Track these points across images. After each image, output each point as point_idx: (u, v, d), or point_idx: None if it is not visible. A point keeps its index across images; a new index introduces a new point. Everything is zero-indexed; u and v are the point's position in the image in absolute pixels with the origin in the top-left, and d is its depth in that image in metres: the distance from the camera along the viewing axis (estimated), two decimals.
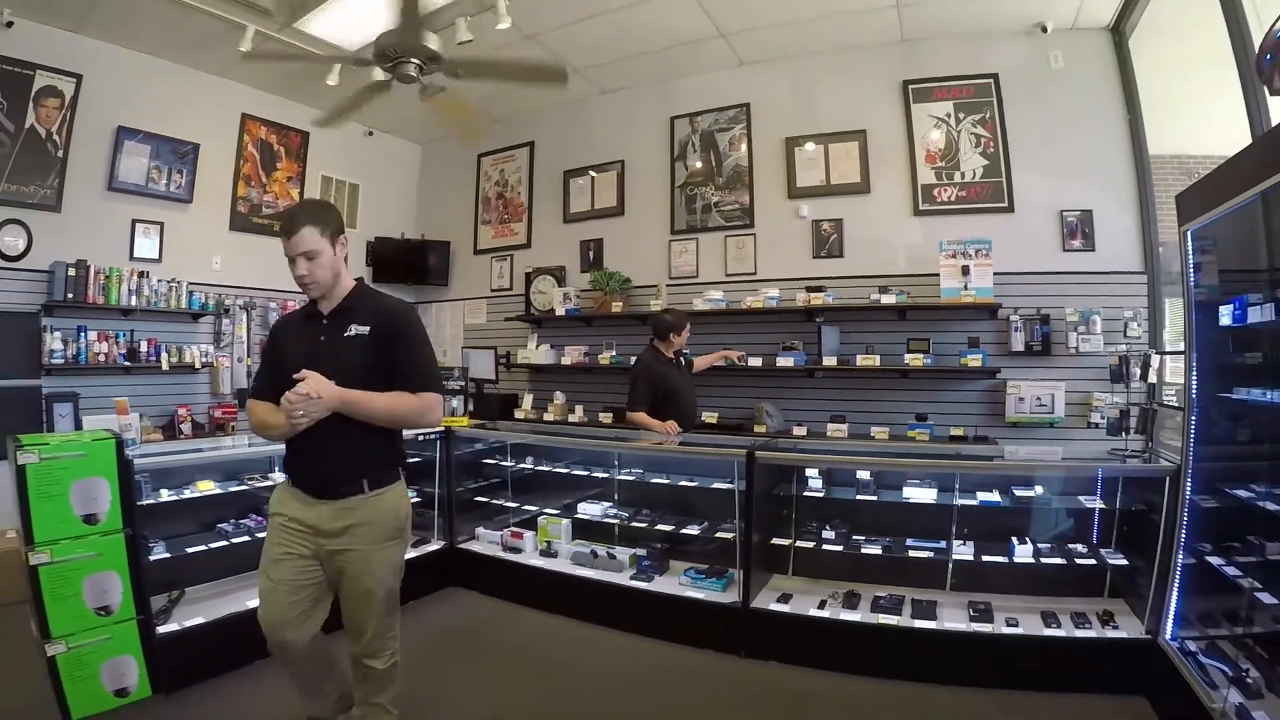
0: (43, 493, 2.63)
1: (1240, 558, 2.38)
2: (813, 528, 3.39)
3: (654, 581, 3.47)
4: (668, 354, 4.15)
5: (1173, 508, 2.73)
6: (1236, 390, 2.49)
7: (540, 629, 3.52)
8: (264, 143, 5.80)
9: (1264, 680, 2.19)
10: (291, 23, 4.60)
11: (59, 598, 2.64)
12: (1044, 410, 4.21)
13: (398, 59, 2.58)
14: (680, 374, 4.21)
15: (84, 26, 4.59)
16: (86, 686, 2.67)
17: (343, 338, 2.07)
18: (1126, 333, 4.13)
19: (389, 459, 2.15)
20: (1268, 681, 2.18)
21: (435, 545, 4.07)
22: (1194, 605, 2.67)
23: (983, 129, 4.63)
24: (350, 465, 2.05)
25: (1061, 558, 3.02)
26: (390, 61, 2.64)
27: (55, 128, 4.62)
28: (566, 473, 4.08)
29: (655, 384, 4.01)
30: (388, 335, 2.08)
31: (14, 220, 4.44)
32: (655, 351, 4.13)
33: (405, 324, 2.14)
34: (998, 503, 3.16)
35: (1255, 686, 2.18)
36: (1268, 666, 2.23)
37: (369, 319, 2.09)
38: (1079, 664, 2.80)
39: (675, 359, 4.21)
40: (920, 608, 2.99)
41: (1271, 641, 2.27)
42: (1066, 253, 4.42)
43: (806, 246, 5.04)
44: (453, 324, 6.65)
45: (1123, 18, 4.27)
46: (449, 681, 2.97)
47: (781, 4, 4.38)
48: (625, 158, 5.73)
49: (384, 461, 2.13)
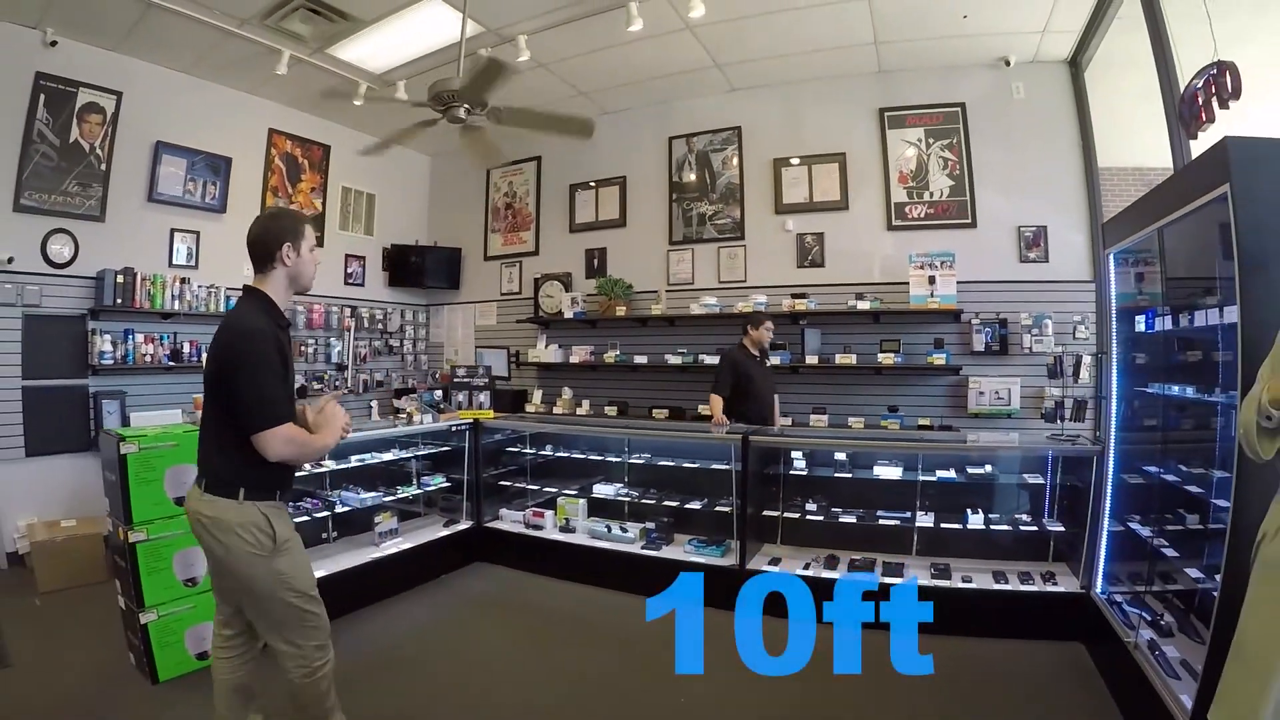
0: (141, 478, 2.98)
1: (1156, 524, 2.87)
2: (798, 502, 3.93)
3: (662, 550, 3.99)
4: (753, 350, 4.52)
5: (1099, 483, 3.27)
6: (1150, 385, 3.04)
7: (562, 594, 4.01)
8: (289, 155, 6.20)
9: (1175, 624, 2.71)
10: (324, 49, 5.02)
11: (153, 571, 2.99)
12: (1001, 403, 4.76)
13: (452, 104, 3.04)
14: (761, 369, 4.55)
15: (123, 46, 4.86)
16: (172, 651, 3.00)
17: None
18: (1075, 335, 4.71)
19: None
20: (1179, 625, 2.70)
21: (464, 525, 4.53)
22: (1120, 564, 3.20)
23: (950, 153, 5.17)
24: None
25: (1009, 526, 3.57)
26: (444, 105, 3.09)
27: (98, 142, 4.88)
28: (583, 458, 4.57)
29: (736, 373, 4.43)
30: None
31: (62, 230, 4.70)
32: (742, 346, 4.54)
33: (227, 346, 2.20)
34: (954, 479, 3.71)
35: (1167, 628, 2.70)
36: (1181, 614, 2.75)
37: None
38: (1025, 615, 3.35)
39: (762, 355, 4.59)
40: (889, 568, 3.54)
41: (1182, 593, 2.80)
42: (1023, 264, 4.96)
43: (791, 257, 5.56)
44: (464, 325, 7.10)
45: (1079, 52, 4.78)
46: (484, 638, 3.44)
47: (771, 39, 4.87)
48: (627, 174, 6.21)
49: None
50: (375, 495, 4.10)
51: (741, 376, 4.43)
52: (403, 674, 3.06)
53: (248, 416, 1.92)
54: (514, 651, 3.31)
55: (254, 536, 2.00)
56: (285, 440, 1.96)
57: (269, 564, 2.02)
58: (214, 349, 2.02)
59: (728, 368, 4.48)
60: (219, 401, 1.99)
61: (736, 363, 4.49)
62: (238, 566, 2.02)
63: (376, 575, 3.86)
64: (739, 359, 4.51)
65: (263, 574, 2.02)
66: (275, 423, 1.94)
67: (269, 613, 2.07)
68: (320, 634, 2.13)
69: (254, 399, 1.92)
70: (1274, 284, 1.80)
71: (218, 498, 2.01)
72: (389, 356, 6.90)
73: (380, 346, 6.79)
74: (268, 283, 2.12)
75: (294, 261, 2.11)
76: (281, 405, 1.99)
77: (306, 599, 2.10)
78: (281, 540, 2.05)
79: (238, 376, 1.93)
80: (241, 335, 1.97)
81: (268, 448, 1.93)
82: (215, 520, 2.00)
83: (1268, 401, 1.49)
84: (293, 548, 2.11)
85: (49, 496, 4.51)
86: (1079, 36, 4.63)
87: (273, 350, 1.98)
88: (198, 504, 2.04)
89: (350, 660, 2.93)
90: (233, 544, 1.99)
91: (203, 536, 2.05)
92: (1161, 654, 2.48)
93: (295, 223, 2.18)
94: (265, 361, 1.95)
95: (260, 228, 2.14)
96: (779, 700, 2.80)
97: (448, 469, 4.60)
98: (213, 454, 2.05)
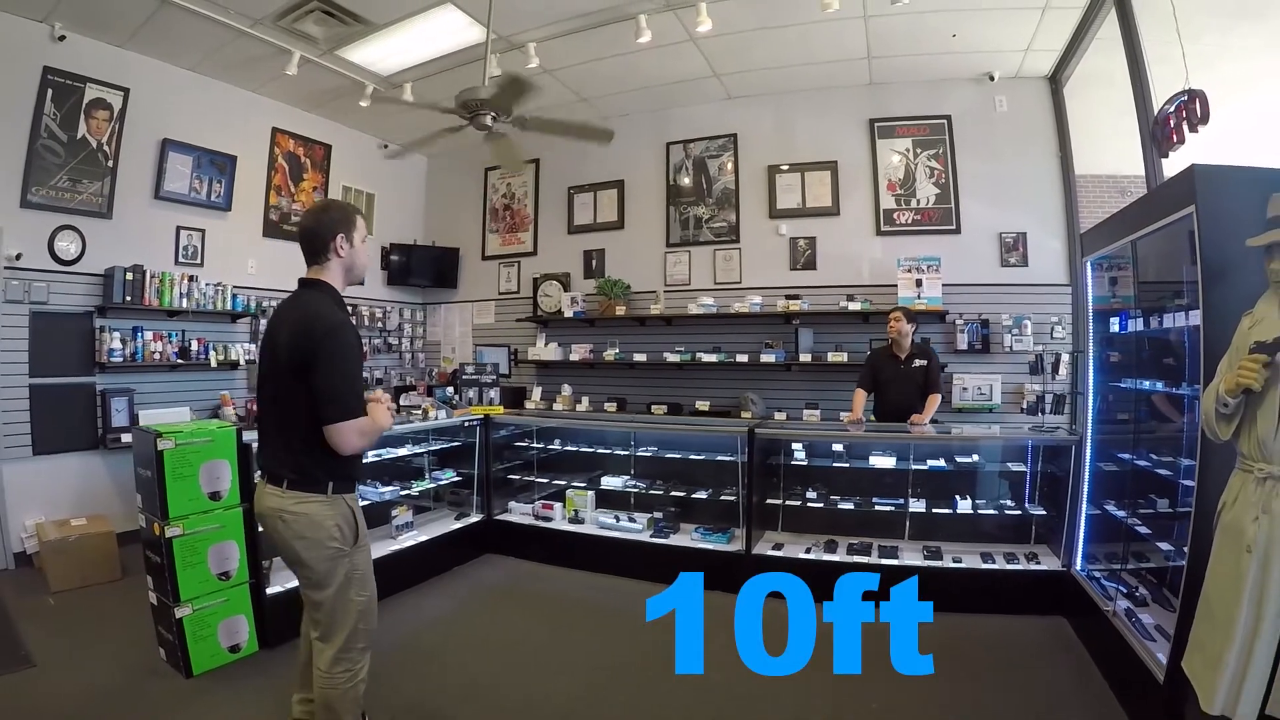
0: (177, 474, 3.01)
1: (1130, 507, 3.14)
2: (798, 490, 4.17)
3: (669, 538, 4.19)
4: (895, 351, 4.48)
5: (1077, 470, 3.55)
6: (1124, 380, 3.32)
7: (573, 582, 4.19)
8: (292, 155, 6.28)
9: (1150, 595, 2.98)
10: (334, 50, 5.11)
11: (188, 565, 3.02)
12: (984, 398, 5.05)
13: (479, 111, 3.20)
14: (899, 370, 4.46)
15: (131, 42, 4.86)
16: (206, 644, 3.03)
17: None
18: (1053, 334, 5.02)
19: None
20: (1153, 596, 2.97)
21: (475, 518, 4.69)
22: (1097, 545, 3.48)
23: (936, 162, 5.46)
24: None
25: (995, 511, 3.84)
26: (471, 112, 3.25)
27: (105, 139, 4.85)
28: (590, 452, 4.75)
29: (875, 371, 4.54)
30: None
31: (69, 226, 4.68)
32: (886, 346, 4.59)
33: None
34: (944, 468, 3.98)
35: (1142, 599, 2.97)
36: (1154, 587, 3.02)
37: None
38: (1011, 592, 3.62)
39: (905, 357, 4.45)
40: (885, 550, 3.79)
41: (1155, 569, 3.07)
42: (1004, 268, 5.27)
43: (785, 260, 5.81)
44: (462, 324, 7.24)
45: (1059, 69, 5.09)
46: (503, 625, 3.59)
47: (770, 51, 5.10)
48: (625, 177, 6.41)
49: None
50: (392, 489, 4.23)
51: (878, 376, 4.52)
52: (426, 663, 3.16)
53: (330, 407, 1.91)
54: (533, 637, 3.45)
55: (340, 532, 2.01)
56: (360, 432, 1.97)
57: (350, 560, 2.03)
58: (295, 340, 1.96)
59: (867, 365, 4.63)
60: (296, 395, 1.95)
61: (874, 362, 4.60)
62: (317, 564, 2.00)
63: (394, 568, 3.95)
64: (876, 358, 4.62)
65: (340, 570, 2.02)
66: (353, 415, 1.95)
67: (333, 610, 2.04)
68: (368, 636, 2.13)
69: (336, 391, 1.92)
70: (1231, 291, 2.06)
71: (305, 493, 1.99)
72: (388, 354, 7.01)
73: (380, 345, 6.90)
74: (326, 274, 2.10)
75: (348, 253, 2.10)
76: (360, 398, 2.00)
77: (367, 599, 2.10)
78: (362, 535, 2.08)
79: (326, 368, 1.91)
80: (331, 329, 1.95)
81: (344, 440, 1.93)
82: (302, 516, 1.98)
83: (1224, 391, 1.77)
84: (366, 544, 2.13)
85: (57, 495, 4.51)
86: (1060, 55, 4.95)
87: (357, 343, 2.03)
88: (279, 501, 2.01)
89: (375, 651, 3.06)
90: (320, 538, 1.98)
91: (282, 533, 2.01)
92: (1138, 620, 2.75)
93: (346, 213, 2.15)
94: (353, 354, 1.99)
95: (312, 220, 2.15)
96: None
97: (457, 464, 4.75)
98: (293, 448, 2.01)
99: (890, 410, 4.44)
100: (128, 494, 4.94)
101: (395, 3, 4.44)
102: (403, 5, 4.47)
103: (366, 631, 2.12)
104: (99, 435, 4.76)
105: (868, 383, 4.51)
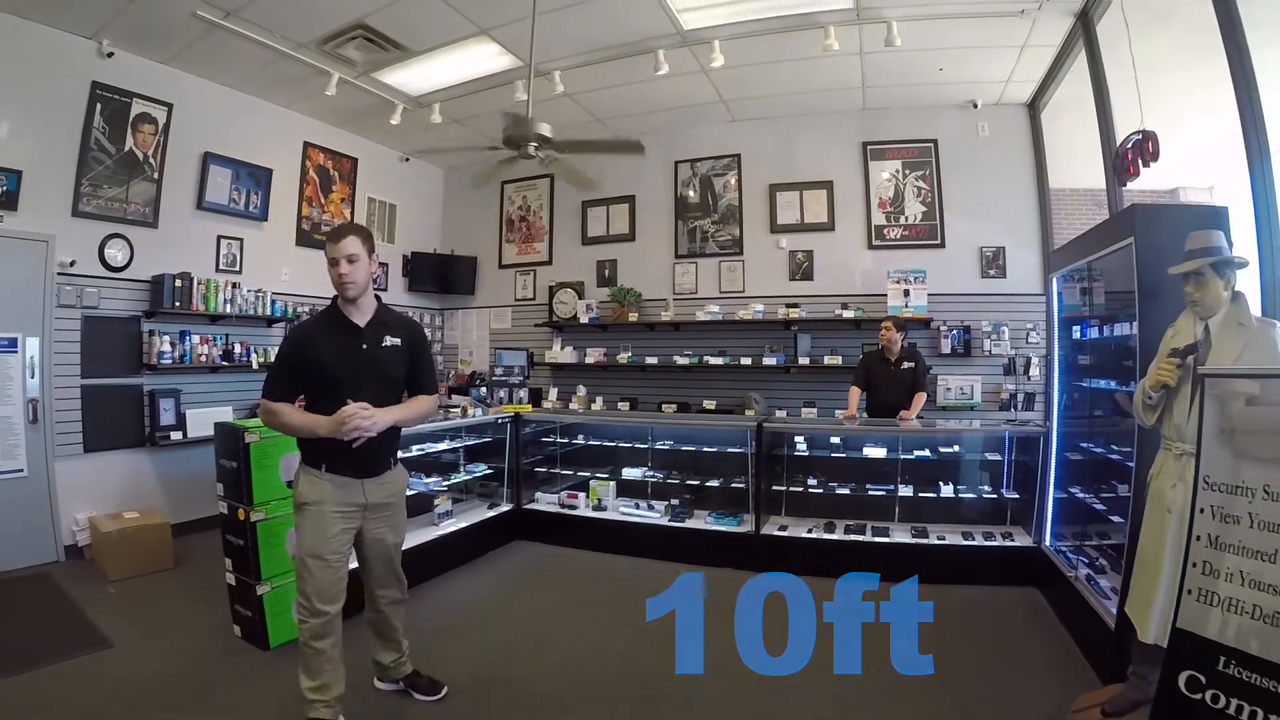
0: (260, 464, 3.31)
1: (1091, 490, 3.62)
2: (800, 478, 4.66)
3: (685, 522, 4.66)
4: (886, 355, 4.91)
5: (1045, 459, 4.05)
6: (1085, 380, 3.82)
7: (598, 564, 4.62)
8: (322, 168, 6.65)
9: (1108, 564, 3.45)
10: (370, 73, 5.51)
11: (269, 547, 3.31)
12: (966, 397, 5.57)
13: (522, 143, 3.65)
14: (889, 371, 4.89)
15: (176, 60, 5.13)
16: (283, 620, 3.28)
17: (381, 348, 2.47)
18: (1028, 339, 5.54)
19: (399, 441, 2.67)
20: (1111, 565, 3.43)
21: (505, 507, 5.11)
22: (1063, 524, 3.97)
23: (923, 182, 5.97)
24: (388, 449, 2.56)
25: (974, 495, 4.35)
26: (516, 145, 3.70)
27: (150, 151, 5.12)
28: (612, 446, 5.21)
29: (868, 372, 4.98)
30: (414, 346, 2.56)
31: (118, 234, 4.96)
32: (878, 350, 5.01)
33: (424, 336, 2.66)
34: (929, 457, 4.48)
35: (1101, 566, 3.46)
36: (1112, 557, 3.48)
37: (399, 332, 2.52)
38: (989, 565, 4.12)
39: (896, 360, 4.88)
40: (877, 530, 4.29)
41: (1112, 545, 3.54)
42: (984, 279, 5.79)
43: (785, 271, 6.31)
44: (479, 328, 7.66)
45: (1038, 97, 5.61)
46: (540, 601, 4.00)
47: (772, 81, 5.59)
48: (636, 193, 6.87)
49: (397, 444, 2.66)
50: (435, 480, 4.66)
51: (870, 376, 4.96)
52: (478, 631, 3.55)
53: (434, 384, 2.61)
54: (571, 606, 3.89)
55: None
56: (264, 410, 2.41)
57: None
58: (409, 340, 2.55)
59: (860, 365, 5.09)
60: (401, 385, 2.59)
61: (867, 362, 5.07)
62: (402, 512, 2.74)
63: (438, 551, 4.37)
64: (869, 359, 5.08)
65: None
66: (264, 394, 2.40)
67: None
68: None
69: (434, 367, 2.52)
70: (1162, 308, 2.56)
71: (399, 464, 2.68)
72: None
73: None
74: None
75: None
76: (269, 382, 2.41)
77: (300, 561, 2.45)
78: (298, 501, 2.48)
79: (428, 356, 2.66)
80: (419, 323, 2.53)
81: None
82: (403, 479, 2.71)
83: (1149, 386, 2.28)
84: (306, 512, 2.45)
85: (106, 490, 4.77)
86: (1038, 85, 5.48)
87: (289, 338, 2.51)
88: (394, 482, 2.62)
89: (433, 621, 3.51)
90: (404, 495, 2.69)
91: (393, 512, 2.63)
92: (1096, 583, 3.25)
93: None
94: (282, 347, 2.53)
95: None
96: None
97: (488, 459, 5.17)
98: (396, 434, 2.60)
99: (881, 407, 4.89)
100: (174, 489, 5.27)
101: (435, 33, 4.82)
102: (442, 35, 4.86)
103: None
104: (146, 433, 5.05)
105: (861, 382, 4.98)
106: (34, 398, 4.47)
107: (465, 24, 4.71)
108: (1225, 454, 1.87)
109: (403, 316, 2.65)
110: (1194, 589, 1.92)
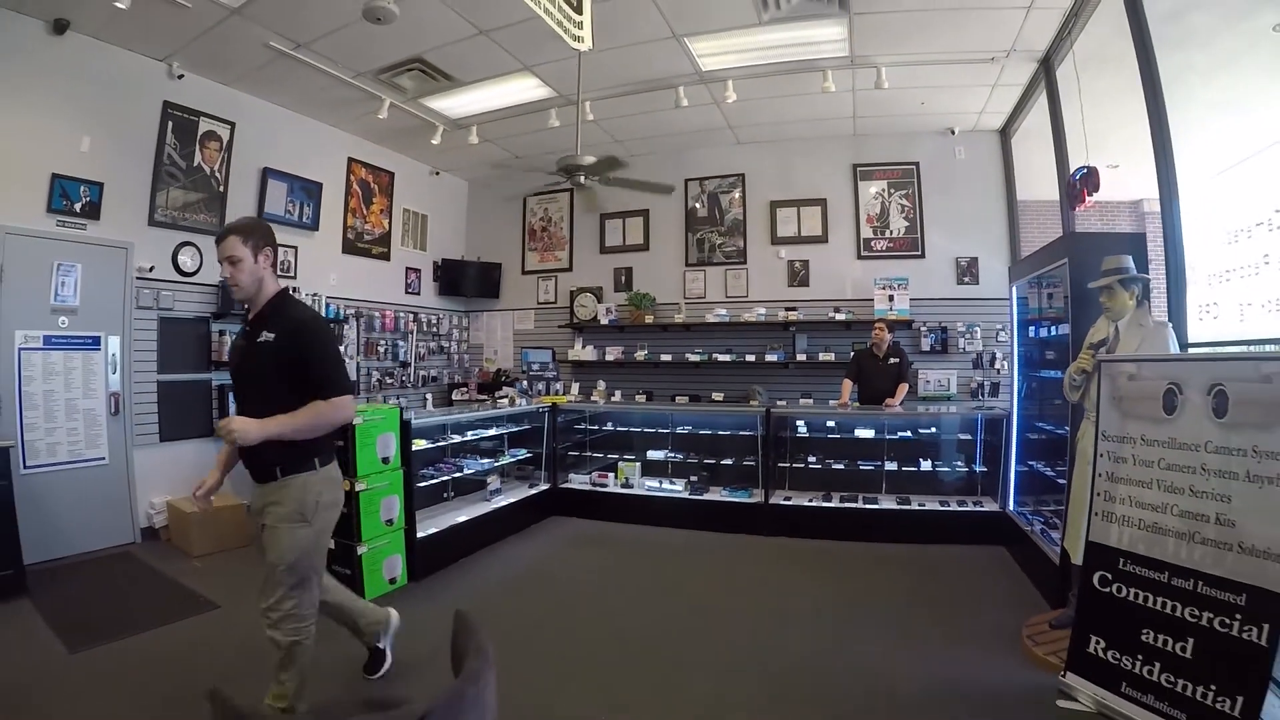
0: (363, 443, 3.83)
1: (1045, 461, 4.35)
2: (801, 456, 5.42)
3: (703, 496, 5.40)
4: (875, 351, 5.59)
5: (1008, 437, 4.83)
6: (1040, 371, 4.59)
7: (627, 533, 5.32)
8: (363, 181, 7.25)
9: (1060, 522, 4.15)
10: (417, 99, 6.13)
11: (368, 514, 3.82)
12: (943, 388, 6.35)
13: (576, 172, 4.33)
14: (877, 365, 5.55)
15: (239, 82, 5.58)
16: (376, 576, 3.80)
17: (256, 343, 2.27)
18: (998, 338, 6.32)
19: (298, 451, 2.28)
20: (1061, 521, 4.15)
21: (543, 486, 5.80)
22: (1025, 491, 4.72)
23: (906, 200, 6.75)
24: (273, 459, 2.28)
25: (949, 469, 5.13)
26: (569, 173, 4.38)
27: (216, 166, 5.58)
28: (638, 431, 5.94)
29: (858, 366, 5.65)
30: (295, 345, 2.22)
31: (188, 243, 5.40)
32: (868, 347, 5.68)
33: (310, 335, 2.26)
34: (911, 437, 5.27)
35: (1054, 523, 4.19)
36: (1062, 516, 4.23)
37: (276, 327, 2.25)
38: (962, 527, 4.87)
39: (883, 356, 5.54)
40: (868, 499, 5.08)
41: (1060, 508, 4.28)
42: (959, 285, 6.56)
43: (784, 278, 7.06)
44: (503, 329, 8.32)
45: (1009, 124, 6.37)
46: (582, 564, 4.61)
47: (775, 111, 6.33)
48: (649, 207, 7.56)
49: (293, 454, 2.28)
50: (489, 462, 5.34)
51: (860, 369, 5.62)
52: (532, 590, 4.07)
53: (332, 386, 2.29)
54: (612, 567, 4.53)
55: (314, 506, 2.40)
56: None
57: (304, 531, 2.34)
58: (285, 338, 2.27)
59: (852, 360, 5.74)
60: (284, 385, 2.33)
61: (858, 357, 5.72)
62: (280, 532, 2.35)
63: (491, 523, 5.02)
64: (860, 354, 5.73)
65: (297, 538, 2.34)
66: None
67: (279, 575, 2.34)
68: None
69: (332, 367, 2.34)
70: (1088, 314, 3.32)
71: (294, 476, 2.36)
72: (439, 356, 8.05)
73: (434, 347, 7.95)
74: None
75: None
76: None
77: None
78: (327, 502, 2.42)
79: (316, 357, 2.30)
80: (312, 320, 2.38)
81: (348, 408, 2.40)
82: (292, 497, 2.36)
83: (1073, 372, 3.05)
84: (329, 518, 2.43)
85: (178, 476, 5.11)
86: (1008, 115, 6.25)
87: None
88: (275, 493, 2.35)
89: (492, 584, 4.07)
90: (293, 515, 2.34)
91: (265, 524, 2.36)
92: (1049, 535, 4.02)
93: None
94: None
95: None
96: None
97: (526, 444, 5.86)
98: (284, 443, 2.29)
99: (870, 396, 5.58)
100: (239, 474, 5.77)
101: (484, 67, 5.46)
102: (489, 69, 5.50)
103: None
104: (214, 424, 5.48)
105: (853, 374, 5.73)
106: (115, 391, 4.89)
107: (512, 61, 5.38)
108: (1115, 414, 2.65)
109: (293, 312, 2.33)
110: (1100, 511, 2.69)
